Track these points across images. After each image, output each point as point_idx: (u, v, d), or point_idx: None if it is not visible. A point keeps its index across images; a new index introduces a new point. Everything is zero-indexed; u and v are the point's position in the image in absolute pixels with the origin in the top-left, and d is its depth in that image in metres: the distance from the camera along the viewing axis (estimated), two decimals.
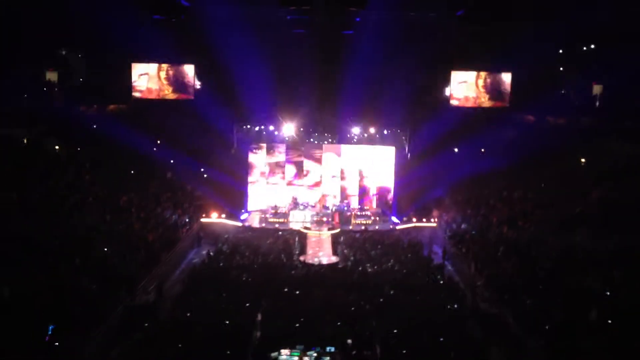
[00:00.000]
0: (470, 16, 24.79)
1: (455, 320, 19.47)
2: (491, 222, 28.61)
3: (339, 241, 29.77)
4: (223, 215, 32.82)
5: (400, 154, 36.14)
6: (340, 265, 26.10)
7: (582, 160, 32.12)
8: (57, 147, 33.05)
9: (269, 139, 37.00)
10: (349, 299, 20.78)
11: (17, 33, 30.76)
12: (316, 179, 36.82)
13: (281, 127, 36.63)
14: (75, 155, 32.73)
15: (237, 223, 32.93)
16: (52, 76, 38.22)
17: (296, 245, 29.08)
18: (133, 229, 26.26)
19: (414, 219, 32.99)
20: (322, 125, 36.83)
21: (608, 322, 16.85)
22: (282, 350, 16.44)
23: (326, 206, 35.11)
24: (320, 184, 36.78)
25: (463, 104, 35.22)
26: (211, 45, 31.78)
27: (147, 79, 35.28)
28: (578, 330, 16.74)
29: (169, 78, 35.39)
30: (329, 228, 31.46)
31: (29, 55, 34.49)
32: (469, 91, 35.19)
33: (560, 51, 36.64)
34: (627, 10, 27.04)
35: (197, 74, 35.43)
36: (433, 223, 32.64)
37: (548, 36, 31.07)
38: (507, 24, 28.67)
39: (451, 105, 35.36)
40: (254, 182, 36.49)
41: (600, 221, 23.66)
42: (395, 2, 27.90)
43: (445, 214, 32.48)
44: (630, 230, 21.95)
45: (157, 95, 35.37)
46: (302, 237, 30.01)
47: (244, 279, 22.80)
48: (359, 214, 34.14)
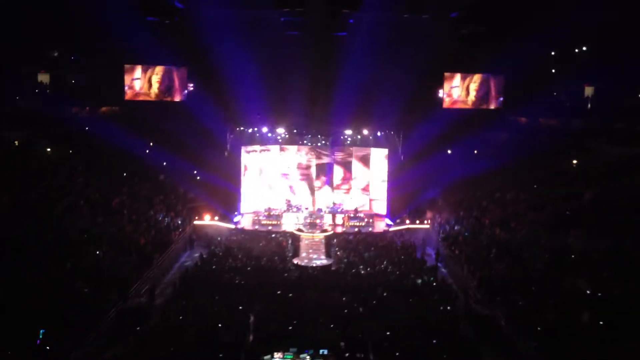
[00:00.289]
0: (464, 18, 24.86)
1: (448, 321, 19.51)
2: (484, 224, 28.68)
3: (332, 243, 29.77)
4: (216, 217, 32.76)
5: (393, 156, 36.17)
6: (333, 268, 26.09)
7: (574, 162, 32.24)
8: (49, 149, 32.91)
9: (263, 140, 36.96)
10: (342, 301, 20.79)
11: (9, 35, 30.65)
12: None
13: (274, 128, 36.59)
14: (67, 157, 32.60)
15: (230, 225, 32.87)
16: (44, 78, 38.17)
17: (289, 248, 29.06)
18: (125, 232, 26.17)
19: (407, 221, 33.05)
20: (315, 127, 36.79)
21: (600, 323, 16.91)
22: (275, 353, 16.42)
23: (319, 208, 35.08)
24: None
25: (456, 106, 35.29)
26: (204, 47, 31.77)
27: (140, 80, 35.17)
28: (570, 332, 16.79)
29: (162, 80, 35.30)
30: (322, 230, 31.44)
31: (21, 57, 34.42)
32: (462, 93, 35.27)
33: (552, 53, 36.84)
34: (620, 12, 27.20)
35: (190, 75, 35.36)
36: (426, 225, 32.70)
37: (540, 38, 31.21)
38: (499, 27, 28.85)
39: (444, 107, 35.42)
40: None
41: (592, 222, 23.76)
42: (389, 4, 27.97)
43: (438, 216, 32.54)
44: (622, 231, 22.06)
45: (149, 97, 35.27)
46: (295, 240, 29.99)
47: (236, 281, 22.78)
48: (352, 216, 34.17)
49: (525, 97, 35.19)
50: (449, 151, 36.41)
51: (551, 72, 38.09)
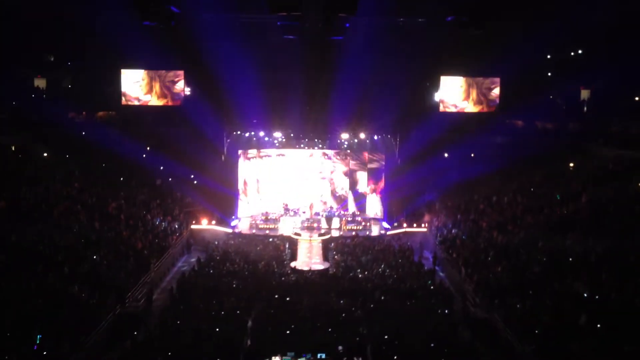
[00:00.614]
0: (460, 22, 24.88)
1: (446, 325, 19.52)
2: (481, 227, 28.68)
3: (329, 247, 29.76)
4: (213, 221, 32.73)
5: (390, 160, 36.20)
6: (331, 272, 26.07)
7: (571, 165, 32.29)
8: (45, 153, 32.84)
9: (260, 144, 36.97)
10: (339, 305, 20.78)
11: (5, 39, 30.61)
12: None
13: (271, 132, 36.61)
14: (64, 162, 32.53)
15: (227, 229, 32.84)
16: (40, 83, 38.11)
17: (287, 252, 29.05)
18: (122, 237, 26.11)
19: (405, 225, 33.06)
20: (312, 131, 36.82)
21: (598, 326, 16.92)
22: (273, 357, 16.44)
23: (317, 212, 35.07)
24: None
25: (452, 110, 35.32)
26: (201, 51, 31.70)
27: (136, 85, 35.10)
28: (568, 335, 16.79)
29: (158, 84, 35.24)
30: (320, 234, 31.43)
31: (18, 61, 34.36)
32: (458, 96, 35.29)
33: (549, 56, 36.90)
34: (616, 15, 27.27)
35: (187, 80, 35.34)
36: (423, 228, 32.71)
37: (536, 42, 31.25)
38: (496, 30, 28.82)
39: (440, 110, 35.45)
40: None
41: (590, 225, 23.77)
42: (385, 8, 27.93)
43: (435, 219, 32.55)
44: (620, 234, 22.08)
45: (146, 102, 35.22)
46: (293, 244, 29.96)
47: (234, 285, 22.74)
48: (349, 220, 34.19)
49: (522, 100, 35.22)
50: (445, 155, 36.45)
51: (547, 75, 38.15)
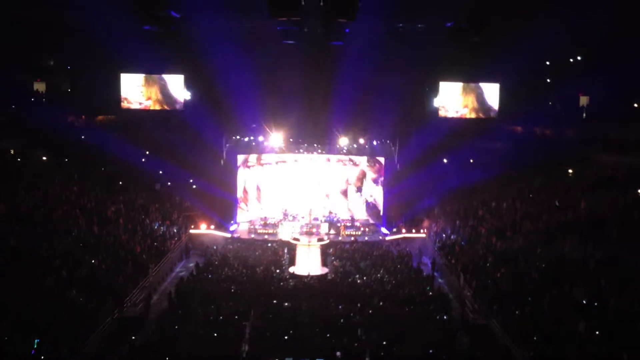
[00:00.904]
0: (459, 28, 24.93)
1: (445, 331, 19.48)
2: (480, 233, 28.69)
3: (328, 252, 29.73)
4: (212, 226, 32.72)
5: (389, 165, 36.22)
6: (329, 277, 26.04)
7: (570, 171, 32.30)
8: (44, 157, 32.83)
9: (259, 149, 36.98)
10: (338, 311, 20.75)
11: (5, 43, 30.62)
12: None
13: (270, 137, 36.63)
14: (63, 166, 32.52)
15: (226, 234, 32.82)
16: (40, 86, 38.13)
17: (285, 257, 29.02)
18: (121, 241, 26.08)
19: (404, 230, 33.06)
20: (311, 135, 36.86)
21: (596, 333, 16.90)
22: None
23: (316, 217, 35.05)
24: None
25: (451, 115, 35.37)
26: (201, 56, 31.74)
27: (136, 89, 35.13)
28: (566, 341, 16.78)
29: (158, 89, 35.27)
30: (319, 239, 31.38)
31: (17, 65, 34.38)
32: (458, 102, 35.34)
33: (548, 63, 36.95)
34: (615, 21, 27.30)
35: (186, 84, 35.37)
36: (422, 234, 32.71)
37: (535, 48, 31.30)
38: (495, 36, 28.87)
39: (440, 116, 35.51)
40: None
41: (588, 232, 23.75)
42: (385, 14, 27.97)
43: (434, 225, 32.55)
44: (618, 240, 22.07)
45: (146, 106, 35.24)
46: (292, 249, 29.91)
47: (232, 290, 22.70)
48: (348, 225, 34.18)
49: (521, 106, 35.28)
50: (444, 160, 36.47)
51: (546, 81, 38.20)
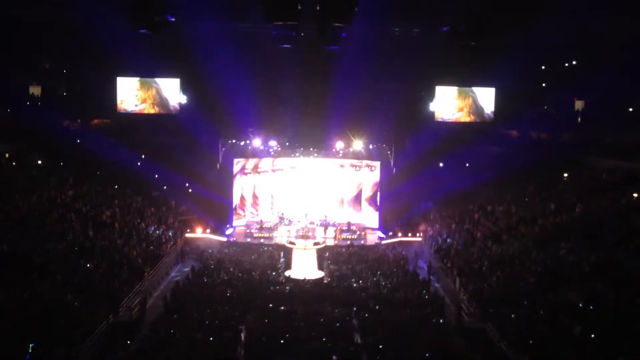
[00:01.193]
0: (455, 33, 24.99)
1: (441, 334, 19.49)
2: (476, 237, 28.73)
3: (324, 256, 29.70)
4: (208, 230, 32.66)
5: (385, 169, 36.24)
6: (325, 281, 26.00)
7: (565, 175, 32.39)
8: (39, 161, 32.72)
9: (255, 153, 36.96)
10: (334, 314, 20.72)
11: (1, 46, 30.58)
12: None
13: (267, 141, 36.63)
14: (58, 169, 32.41)
15: (222, 238, 32.76)
16: (35, 90, 38.05)
17: (281, 261, 28.98)
18: (116, 245, 26.01)
19: (400, 234, 33.07)
20: (307, 139, 36.84)
21: (591, 336, 16.92)
22: None
23: (312, 221, 35.01)
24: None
25: (447, 119, 35.43)
26: (197, 60, 31.77)
27: (132, 93, 35.08)
28: (562, 345, 16.79)
29: (154, 93, 35.22)
30: (315, 243, 31.34)
31: (13, 68, 34.29)
32: (453, 106, 35.41)
33: (543, 67, 37.09)
34: (610, 26, 27.41)
35: (182, 88, 35.35)
36: (418, 238, 32.73)
37: (531, 53, 31.42)
38: (491, 41, 28.97)
39: (436, 120, 35.56)
40: None
41: (584, 236, 23.82)
42: (381, 18, 28.03)
43: (430, 229, 32.58)
44: (613, 244, 22.13)
45: (142, 110, 35.19)
46: (288, 252, 29.87)
47: (228, 294, 22.65)
48: (344, 229, 34.16)
49: (516, 110, 35.39)
50: (440, 164, 36.51)
51: (542, 86, 38.34)
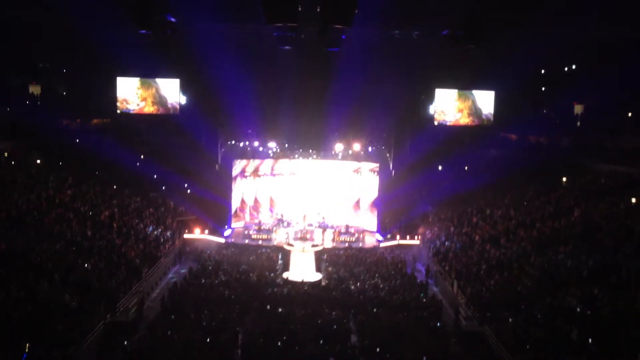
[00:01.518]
0: (454, 36, 25.00)
1: (438, 337, 19.46)
2: (474, 240, 28.72)
3: (322, 258, 29.69)
4: (206, 231, 32.65)
5: (384, 171, 36.26)
6: (323, 283, 25.98)
7: (564, 179, 32.39)
8: (39, 160, 32.71)
9: (254, 154, 36.98)
10: (331, 317, 20.69)
11: (1, 46, 30.57)
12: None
13: (266, 143, 36.66)
14: (57, 169, 32.39)
15: (220, 239, 32.76)
16: (35, 89, 38.04)
17: (279, 262, 28.95)
18: (114, 245, 25.98)
19: (398, 237, 33.06)
20: (307, 141, 36.89)
21: (589, 340, 16.91)
22: None
23: (310, 223, 35.02)
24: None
25: (446, 122, 35.44)
26: (197, 60, 31.77)
27: (132, 93, 35.04)
28: (559, 349, 16.79)
29: (154, 93, 35.20)
30: (313, 245, 31.35)
31: (13, 67, 34.32)
32: (453, 109, 35.42)
33: (543, 71, 37.13)
34: (609, 31, 27.44)
35: (182, 89, 35.35)
36: (416, 241, 32.73)
37: (531, 56, 31.44)
38: (491, 45, 29.00)
39: (435, 123, 35.57)
40: None
41: (582, 240, 23.82)
42: (381, 21, 28.05)
43: (428, 232, 32.57)
44: (611, 249, 22.12)
45: (141, 110, 35.17)
46: (285, 254, 29.87)
47: (226, 296, 22.62)
48: (342, 231, 34.15)
49: (516, 114, 35.41)
50: (439, 167, 36.53)
51: (541, 89, 38.38)
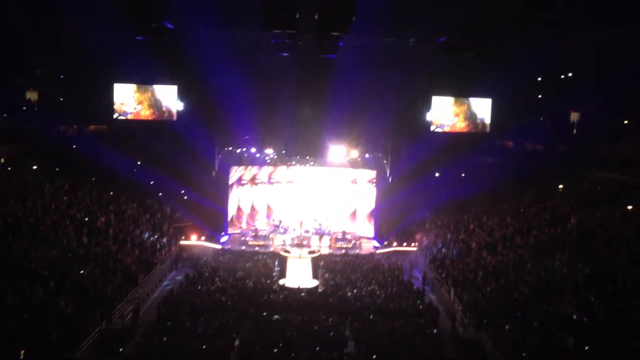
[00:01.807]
0: (451, 44, 25.11)
1: (435, 345, 19.44)
2: (471, 247, 28.72)
3: (319, 265, 29.65)
4: (202, 237, 32.59)
5: (381, 178, 36.28)
6: (320, 290, 25.94)
7: (560, 187, 32.44)
8: (35, 166, 32.65)
9: (251, 160, 37.00)
10: (328, 324, 20.65)
11: None
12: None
13: (263, 149, 36.69)
14: (53, 175, 32.32)
15: (216, 246, 32.70)
16: (32, 95, 38.00)
17: (276, 269, 28.90)
18: (110, 251, 25.90)
19: (395, 243, 33.04)
20: (304, 148, 36.92)
21: (585, 348, 16.90)
22: None
23: (307, 230, 34.98)
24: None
25: (443, 129, 35.52)
26: (194, 67, 31.80)
27: (129, 99, 35.07)
28: (555, 357, 16.78)
29: (151, 99, 35.23)
30: (309, 251, 31.28)
31: (10, 73, 34.29)
32: (450, 116, 35.50)
33: (539, 79, 37.23)
34: (606, 38, 27.56)
35: (179, 95, 35.37)
36: (413, 247, 32.71)
37: (527, 64, 31.54)
38: (488, 52, 29.12)
39: (432, 130, 35.64)
40: None
41: (578, 247, 23.84)
42: (378, 28, 28.16)
43: (425, 238, 32.57)
44: (607, 256, 22.14)
45: (138, 117, 35.18)
46: (282, 261, 29.81)
47: (222, 302, 22.56)
48: (339, 238, 34.13)
49: (512, 121, 35.49)
50: (436, 174, 36.57)
51: (538, 97, 38.49)
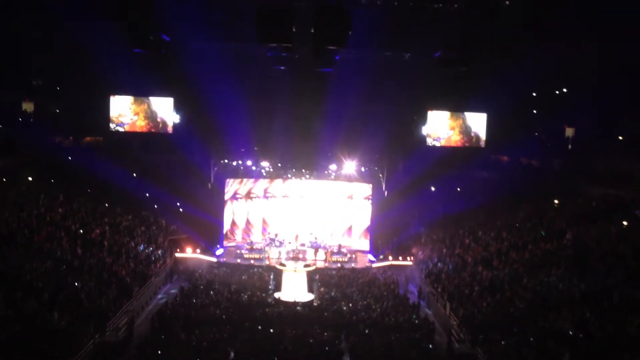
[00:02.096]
0: (446, 58, 25.25)
1: (430, 359, 19.39)
2: (466, 262, 28.72)
3: (314, 278, 29.60)
4: (198, 250, 32.51)
5: (377, 192, 36.33)
6: (315, 303, 25.88)
7: (555, 202, 32.52)
8: (30, 178, 32.55)
9: (247, 173, 37.00)
10: (323, 338, 20.59)
11: None
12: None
13: (259, 162, 36.71)
14: (48, 187, 32.22)
15: (211, 258, 32.60)
16: (28, 107, 38.00)
17: (271, 282, 28.83)
18: (105, 263, 25.78)
19: (390, 257, 33.03)
20: (300, 161, 36.95)
21: None
22: None
23: (302, 243, 34.93)
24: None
25: (439, 144, 35.61)
26: (191, 79, 31.87)
27: (125, 111, 35.05)
28: None
29: (147, 111, 35.23)
30: (305, 265, 31.23)
31: (6, 84, 34.26)
32: (445, 131, 35.61)
33: (534, 94, 37.43)
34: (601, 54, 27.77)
35: (175, 107, 35.39)
36: (409, 262, 32.69)
37: (523, 79, 31.73)
38: (483, 67, 29.30)
39: (427, 144, 35.72)
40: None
41: (574, 263, 23.86)
42: (374, 43, 28.33)
43: (421, 253, 32.56)
44: (603, 272, 22.17)
45: (134, 128, 35.17)
46: (278, 274, 29.73)
47: (217, 316, 22.48)
48: (335, 251, 34.07)
49: (507, 136, 35.62)
50: (432, 188, 36.62)
51: (533, 112, 38.66)
